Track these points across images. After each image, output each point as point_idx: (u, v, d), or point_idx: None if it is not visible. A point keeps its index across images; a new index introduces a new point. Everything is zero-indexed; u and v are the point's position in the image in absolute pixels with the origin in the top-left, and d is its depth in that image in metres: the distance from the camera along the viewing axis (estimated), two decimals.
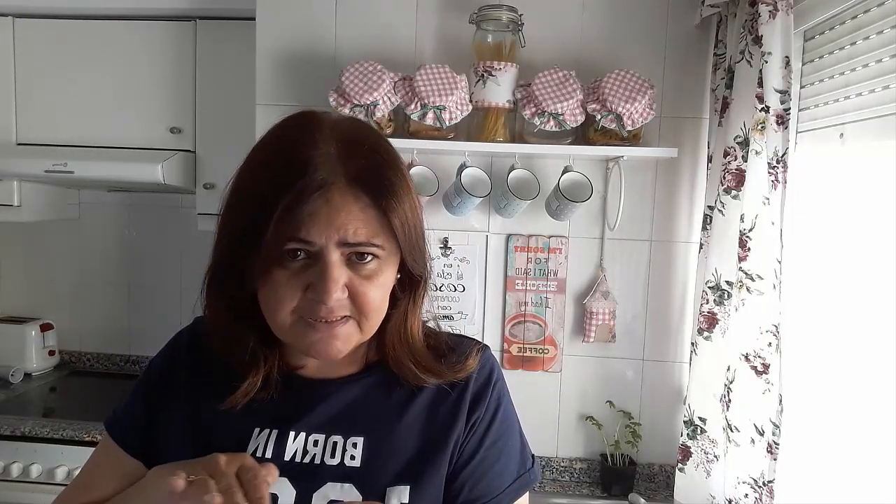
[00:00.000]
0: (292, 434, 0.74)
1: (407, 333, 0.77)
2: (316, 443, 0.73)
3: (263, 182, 0.67)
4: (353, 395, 0.76)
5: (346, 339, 0.69)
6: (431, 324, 0.82)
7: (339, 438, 0.73)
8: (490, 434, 0.77)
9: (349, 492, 0.70)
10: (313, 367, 0.78)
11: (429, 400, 0.77)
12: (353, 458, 0.72)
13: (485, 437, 0.76)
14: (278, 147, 0.70)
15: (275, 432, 0.74)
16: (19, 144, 2.11)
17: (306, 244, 0.66)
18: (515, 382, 1.84)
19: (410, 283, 0.76)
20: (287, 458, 0.72)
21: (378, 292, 0.70)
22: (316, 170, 0.65)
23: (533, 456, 0.82)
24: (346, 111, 1.57)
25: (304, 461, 0.72)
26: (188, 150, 2.07)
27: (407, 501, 0.70)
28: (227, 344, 0.75)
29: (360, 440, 0.73)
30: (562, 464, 1.78)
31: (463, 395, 0.77)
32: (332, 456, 0.72)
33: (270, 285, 0.67)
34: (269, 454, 0.72)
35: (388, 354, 0.77)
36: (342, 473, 0.71)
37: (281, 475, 0.70)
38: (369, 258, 0.68)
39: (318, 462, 0.72)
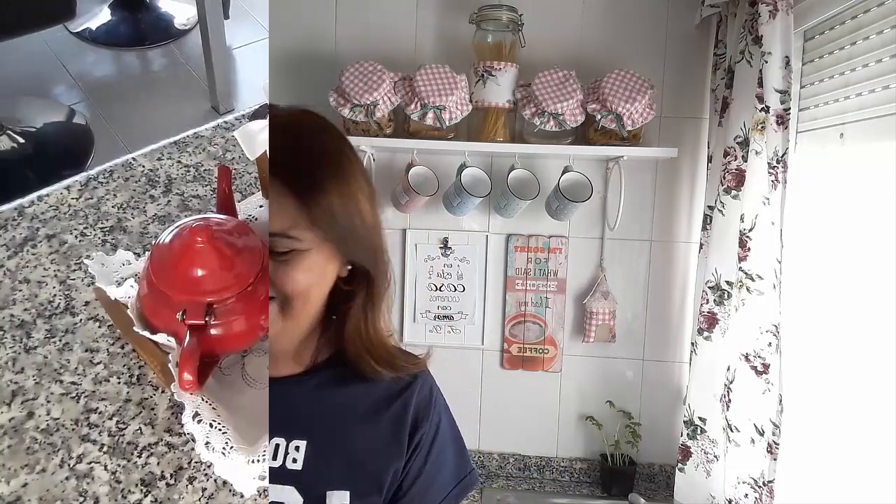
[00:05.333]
0: None
1: (368, 332, 0.75)
2: None
3: None
4: (295, 397, 0.76)
5: (270, 321, 0.68)
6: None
7: (280, 441, 0.73)
8: (433, 450, 0.78)
9: (290, 494, 0.70)
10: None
11: (373, 405, 0.77)
12: (294, 461, 0.71)
13: (429, 455, 0.77)
14: None
15: None
16: None
17: None
18: (515, 382, 1.86)
19: (365, 277, 0.73)
20: None
21: (303, 276, 0.66)
22: None
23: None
24: (346, 111, 1.57)
25: None
26: None
27: None
28: None
29: (302, 443, 0.73)
30: (562, 464, 1.78)
31: (406, 408, 0.77)
32: (274, 458, 0.72)
33: None
34: None
35: (348, 349, 0.75)
36: (283, 476, 0.71)
37: None
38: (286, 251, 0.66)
39: None
